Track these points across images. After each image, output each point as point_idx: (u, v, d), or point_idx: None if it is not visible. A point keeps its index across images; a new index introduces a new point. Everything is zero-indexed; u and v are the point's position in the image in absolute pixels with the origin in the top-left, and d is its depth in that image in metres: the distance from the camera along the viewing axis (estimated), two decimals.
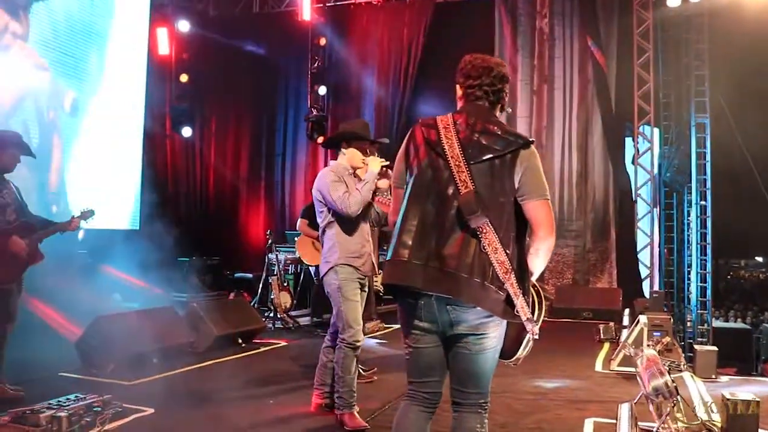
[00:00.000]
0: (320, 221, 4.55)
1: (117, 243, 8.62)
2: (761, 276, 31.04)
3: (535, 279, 2.77)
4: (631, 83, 10.88)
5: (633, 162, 11.16)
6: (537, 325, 2.63)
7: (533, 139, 2.79)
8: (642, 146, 11.14)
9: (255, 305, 9.32)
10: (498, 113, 2.88)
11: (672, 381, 4.31)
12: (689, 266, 14.19)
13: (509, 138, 2.69)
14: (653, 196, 11.23)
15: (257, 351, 7.18)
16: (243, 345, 7.19)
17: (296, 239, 8.57)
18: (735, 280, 29.89)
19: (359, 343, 4.37)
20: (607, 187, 10.95)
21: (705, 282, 13.49)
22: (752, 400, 4.35)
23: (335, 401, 4.38)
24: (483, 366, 2.72)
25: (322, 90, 12.50)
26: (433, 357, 2.76)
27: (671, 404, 4.30)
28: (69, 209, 8.23)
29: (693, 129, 13.24)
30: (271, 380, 5.82)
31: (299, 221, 8.51)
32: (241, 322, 7.39)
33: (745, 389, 5.88)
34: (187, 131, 12.41)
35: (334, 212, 4.38)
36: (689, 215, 14.35)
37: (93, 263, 8.50)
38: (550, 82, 11.13)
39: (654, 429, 4.26)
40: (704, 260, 13.59)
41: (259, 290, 9.64)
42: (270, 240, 9.26)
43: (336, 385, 4.35)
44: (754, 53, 12.03)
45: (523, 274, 2.65)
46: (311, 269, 8.83)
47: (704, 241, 13.59)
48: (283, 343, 7.67)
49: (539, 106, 11.15)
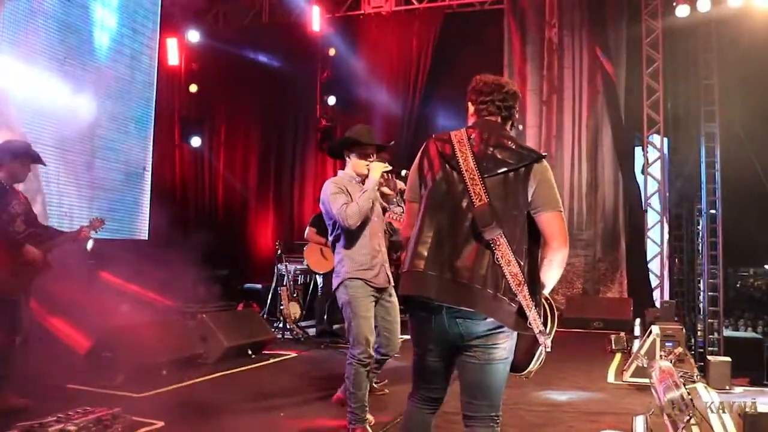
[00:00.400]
0: (329, 234, 4.50)
1: (126, 253, 8.61)
2: None
3: (548, 291, 2.78)
4: (640, 93, 10.86)
5: (642, 172, 11.12)
6: (549, 338, 2.66)
7: (546, 154, 2.84)
8: (651, 156, 11.09)
9: (264, 316, 9.28)
10: (509, 129, 2.93)
11: (688, 393, 4.26)
12: (699, 275, 14.11)
13: (523, 152, 2.74)
14: (663, 206, 11.15)
15: (267, 362, 7.13)
16: (253, 356, 7.15)
17: (304, 248, 8.56)
18: (744, 289, 29.67)
19: (370, 360, 4.28)
20: (617, 197, 10.89)
21: (715, 291, 13.39)
22: None
23: (347, 416, 4.33)
24: (493, 377, 2.72)
25: (332, 100, 12.50)
26: (439, 369, 2.83)
27: (687, 417, 4.24)
28: (78, 219, 8.24)
29: (702, 138, 13.19)
30: (282, 392, 5.77)
31: (307, 229, 8.54)
32: (251, 333, 7.36)
33: (762, 400, 5.82)
34: (197, 141, 12.42)
35: (340, 224, 4.32)
36: (699, 224, 14.28)
37: (102, 274, 8.48)
38: (560, 92, 11.09)
39: None
40: (714, 269, 13.49)
41: (269, 301, 9.61)
42: (279, 250, 9.25)
43: (348, 401, 4.30)
44: (763, 62, 11.98)
45: (536, 287, 2.67)
46: (318, 278, 8.78)
47: (714, 251, 13.50)
48: (293, 354, 7.63)
49: (549, 116, 11.11)
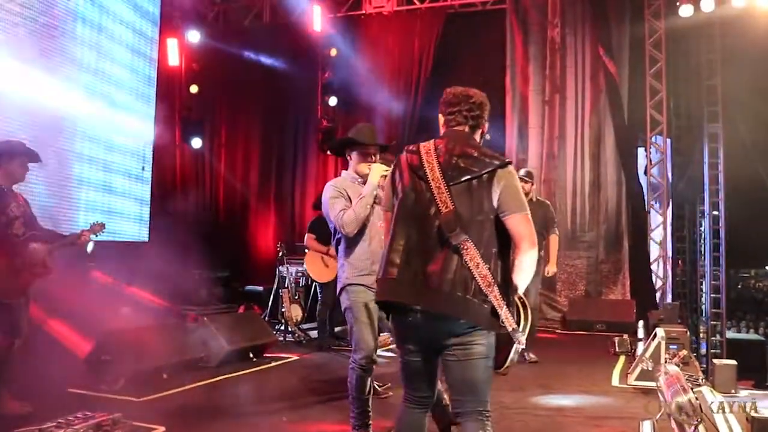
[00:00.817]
0: (332, 237, 4.42)
1: (126, 256, 8.56)
2: None
3: (521, 291, 2.95)
4: (643, 93, 10.81)
5: (645, 172, 11.06)
6: (523, 335, 2.82)
7: (510, 160, 2.99)
8: (654, 156, 11.04)
9: (266, 318, 9.22)
10: (478, 138, 3.09)
11: (696, 398, 4.20)
12: (702, 277, 14.06)
13: (486, 159, 2.88)
14: (665, 207, 11.10)
15: (269, 365, 7.09)
16: (254, 359, 7.10)
17: (305, 256, 8.45)
18: (746, 291, 29.64)
19: (372, 365, 4.20)
20: (620, 198, 10.83)
21: (718, 293, 13.35)
22: None
23: (350, 421, 4.27)
24: (474, 373, 2.85)
25: (333, 101, 12.45)
26: (423, 367, 2.98)
27: (695, 422, 4.18)
28: (78, 222, 8.19)
29: (705, 139, 13.14)
30: (284, 396, 5.72)
31: (306, 236, 8.39)
32: (252, 336, 7.31)
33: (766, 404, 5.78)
34: (197, 142, 12.36)
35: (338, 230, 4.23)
36: (701, 226, 14.24)
37: (102, 276, 8.43)
38: (562, 92, 11.03)
39: None
40: (717, 271, 13.45)
41: (270, 303, 9.55)
42: (281, 252, 9.19)
43: (351, 406, 4.24)
44: (766, 62, 11.94)
45: (507, 287, 2.83)
46: (318, 286, 8.63)
47: (717, 252, 13.45)
48: (295, 357, 7.59)
49: (551, 116, 11.06)
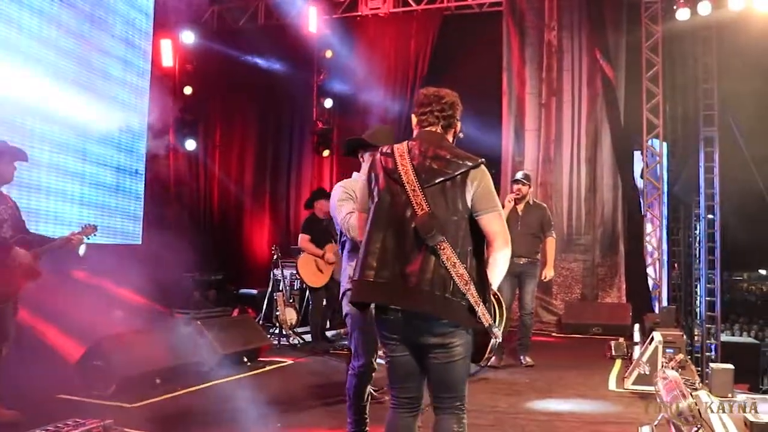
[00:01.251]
0: (339, 238, 4.32)
1: (118, 258, 8.45)
2: (764, 289, 30.98)
3: (495, 287, 3.02)
4: (640, 97, 10.78)
5: (642, 176, 11.04)
6: (499, 329, 2.93)
7: (483, 160, 3.01)
8: (651, 160, 11.02)
9: (260, 322, 9.16)
10: (451, 138, 3.15)
11: (695, 404, 4.16)
12: (696, 280, 14.07)
13: (458, 161, 2.95)
14: (661, 211, 11.08)
15: (263, 370, 7.02)
16: (248, 364, 7.02)
17: (298, 259, 8.31)
18: (739, 294, 29.79)
19: (371, 372, 4.13)
20: (616, 201, 10.79)
21: (713, 296, 13.37)
22: None
23: (347, 427, 4.18)
24: (454, 374, 2.96)
25: (328, 103, 12.41)
26: (409, 366, 3.02)
27: (694, 428, 4.14)
28: (70, 224, 8.11)
29: (701, 143, 13.16)
30: (279, 401, 5.64)
31: (300, 237, 8.23)
32: (247, 340, 7.22)
33: (764, 408, 5.74)
34: (191, 144, 12.26)
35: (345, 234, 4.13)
36: (696, 229, 14.25)
37: (93, 280, 8.34)
38: (559, 95, 10.99)
39: None
40: (712, 274, 13.47)
41: (264, 307, 9.48)
42: (275, 255, 9.10)
43: (348, 412, 4.16)
44: (763, 67, 11.95)
45: (483, 285, 2.91)
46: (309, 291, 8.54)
47: (712, 255, 13.49)
48: (289, 362, 7.52)
49: (548, 119, 11.01)
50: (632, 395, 6.07)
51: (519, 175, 7.53)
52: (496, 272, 3.00)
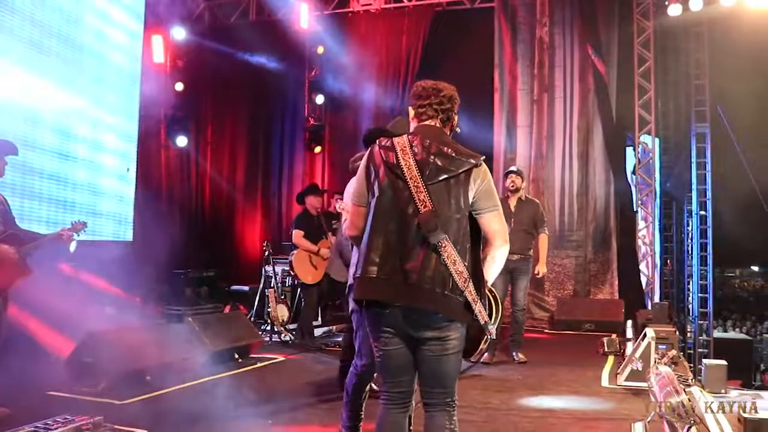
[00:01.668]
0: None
1: (109, 255, 8.41)
2: (757, 285, 31.11)
3: (490, 283, 3.05)
4: (632, 92, 10.77)
5: (634, 172, 11.04)
6: (494, 327, 2.98)
7: (484, 157, 3.02)
8: (643, 156, 11.02)
9: (251, 319, 9.11)
10: (448, 133, 3.13)
11: (689, 400, 4.15)
12: (689, 276, 14.10)
13: (462, 159, 2.96)
14: (653, 206, 11.08)
15: (254, 366, 6.98)
16: (240, 360, 6.97)
17: (292, 254, 8.26)
18: (731, 290, 29.93)
19: (373, 372, 3.97)
20: (608, 197, 10.79)
21: (705, 292, 13.40)
22: None
23: (341, 422, 4.11)
24: (447, 367, 2.96)
25: (320, 99, 12.39)
26: (402, 358, 3.00)
27: (687, 424, 4.13)
28: (61, 221, 8.05)
29: (693, 139, 13.18)
30: (270, 398, 5.62)
31: (294, 233, 8.17)
32: (238, 337, 7.18)
33: (760, 405, 5.73)
34: (183, 141, 12.19)
35: None
36: (688, 225, 14.28)
37: (84, 276, 8.29)
38: (551, 91, 10.98)
39: None
40: (704, 270, 13.50)
41: (256, 303, 9.43)
42: (267, 252, 9.06)
43: (344, 407, 4.03)
44: (755, 63, 11.98)
45: (479, 282, 2.93)
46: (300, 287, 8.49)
47: (704, 251, 13.52)
48: (281, 358, 7.49)
49: (539, 116, 11.00)
50: (625, 391, 6.07)
51: (513, 168, 7.55)
52: (492, 270, 3.03)
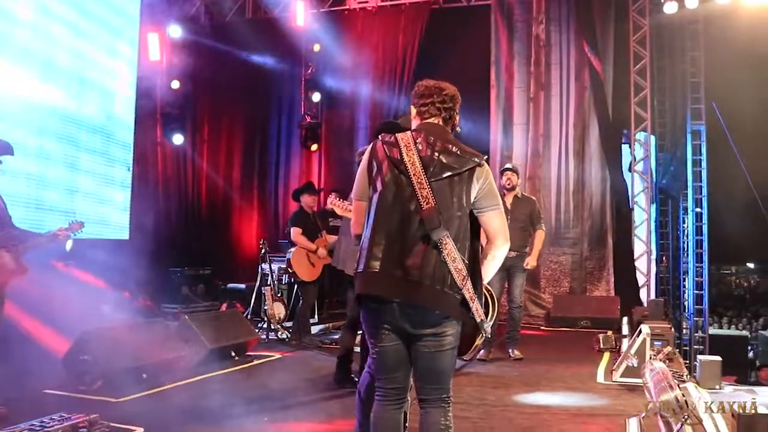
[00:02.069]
0: None
1: (106, 253, 8.40)
2: (753, 282, 31.14)
3: (486, 281, 3.08)
4: (628, 90, 10.78)
5: (630, 169, 11.06)
6: (489, 325, 3.00)
7: (487, 157, 3.07)
8: (639, 153, 11.03)
9: (248, 316, 9.12)
10: (450, 131, 3.15)
11: (683, 395, 4.17)
12: (685, 273, 14.12)
13: (466, 157, 2.98)
14: (649, 204, 11.10)
15: (251, 364, 6.99)
16: (236, 358, 6.97)
17: (290, 252, 8.23)
18: (727, 287, 29.95)
19: None
20: (605, 195, 10.82)
21: (701, 289, 13.41)
22: (766, 414, 4.19)
23: (356, 423, 3.93)
24: (442, 363, 2.96)
25: (316, 97, 12.38)
26: (398, 355, 3.00)
27: (682, 419, 4.15)
28: (58, 220, 8.04)
29: (689, 136, 13.19)
30: (266, 395, 5.64)
31: (293, 230, 8.15)
32: (235, 335, 7.16)
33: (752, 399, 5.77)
34: (179, 139, 12.18)
35: None
36: (684, 222, 14.30)
37: (81, 275, 8.28)
38: (547, 89, 10.99)
39: None
40: (700, 267, 13.52)
41: (253, 301, 9.44)
42: (263, 249, 9.05)
43: (358, 407, 3.72)
44: (750, 60, 12.00)
45: (477, 280, 2.96)
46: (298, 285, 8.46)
47: (700, 248, 13.53)
48: (278, 356, 7.50)
49: (536, 113, 11.02)
50: (620, 387, 6.10)
51: (508, 165, 7.58)
52: (491, 268, 3.05)
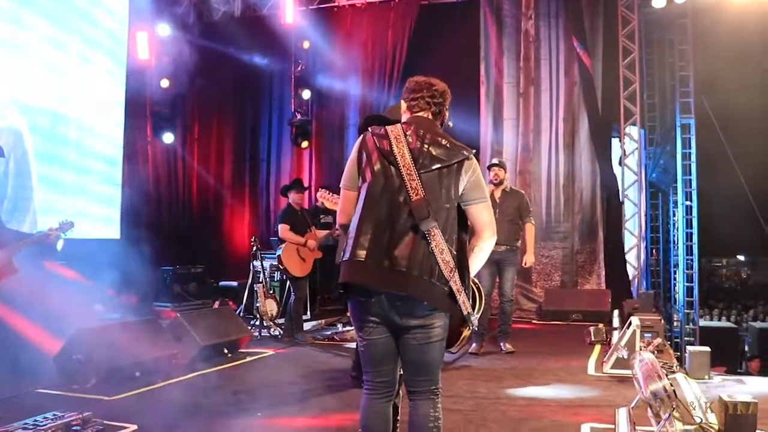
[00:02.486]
0: None
1: (97, 252, 8.39)
2: (743, 274, 31.33)
3: (473, 274, 3.09)
4: (617, 84, 10.83)
5: (620, 163, 11.11)
6: (476, 317, 3.00)
7: (475, 150, 3.09)
8: (629, 147, 11.09)
9: (240, 314, 9.14)
10: (440, 125, 3.18)
11: (670, 384, 4.21)
12: (675, 266, 14.21)
13: (455, 150, 3.00)
14: (639, 197, 11.16)
15: (244, 361, 7.00)
16: (229, 355, 7.00)
17: (280, 248, 8.21)
18: (717, 279, 30.13)
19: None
20: (595, 189, 10.87)
21: (691, 282, 13.51)
22: (751, 402, 4.25)
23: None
24: (431, 355, 2.97)
25: (306, 94, 12.38)
26: (386, 347, 3.01)
27: (670, 408, 4.19)
28: (47, 220, 8.03)
29: (678, 129, 13.27)
30: (259, 392, 5.66)
31: (280, 227, 8.15)
32: (227, 332, 7.19)
33: (741, 389, 5.84)
34: (169, 137, 12.18)
35: None
36: (674, 215, 14.39)
37: (72, 274, 8.27)
38: (537, 84, 11.03)
39: None
40: (690, 260, 13.61)
41: (245, 298, 9.45)
42: (255, 247, 9.05)
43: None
44: (739, 54, 12.07)
45: (464, 272, 2.96)
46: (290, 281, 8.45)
47: (690, 241, 13.62)
48: (270, 352, 7.51)
49: (526, 109, 11.06)
50: (610, 379, 6.15)
51: (495, 160, 7.62)
52: (478, 261, 3.06)
